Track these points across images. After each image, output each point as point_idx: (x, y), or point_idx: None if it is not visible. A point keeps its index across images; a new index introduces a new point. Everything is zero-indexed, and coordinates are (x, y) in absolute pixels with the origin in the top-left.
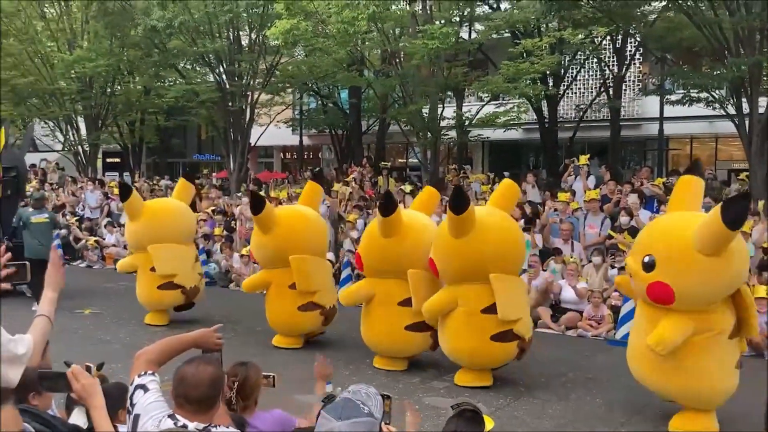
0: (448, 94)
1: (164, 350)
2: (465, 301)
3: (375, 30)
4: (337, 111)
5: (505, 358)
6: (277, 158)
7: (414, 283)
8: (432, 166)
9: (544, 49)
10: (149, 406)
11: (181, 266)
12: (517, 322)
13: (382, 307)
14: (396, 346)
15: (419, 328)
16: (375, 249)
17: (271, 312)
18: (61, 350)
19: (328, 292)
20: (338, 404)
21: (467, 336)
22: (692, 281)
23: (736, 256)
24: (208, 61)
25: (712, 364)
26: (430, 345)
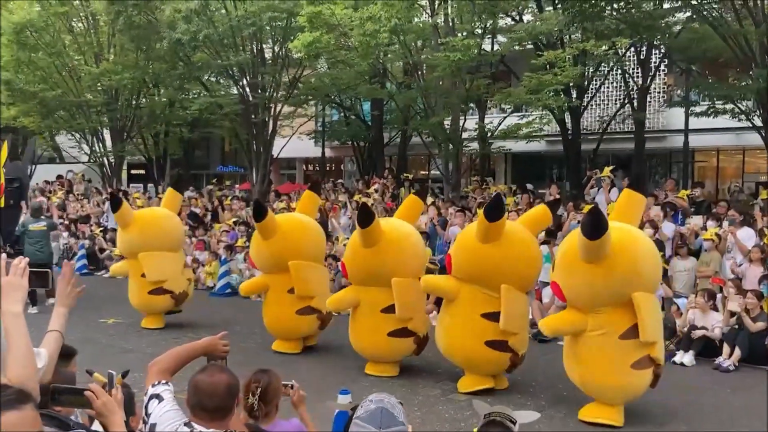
0: (470, 106)
1: (176, 359)
2: (467, 301)
3: (397, 42)
4: (359, 123)
5: (495, 367)
6: (299, 170)
7: (398, 291)
8: (454, 178)
9: (567, 61)
10: (165, 415)
11: (170, 272)
12: (515, 336)
13: (366, 313)
14: (380, 351)
15: (402, 334)
16: (358, 258)
17: (268, 316)
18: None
19: (325, 297)
20: (375, 413)
21: (463, 337)
22: (574, 283)
23: (621, 267)
24: (232, 74)
25: (602, 360)
26: (413, 351)
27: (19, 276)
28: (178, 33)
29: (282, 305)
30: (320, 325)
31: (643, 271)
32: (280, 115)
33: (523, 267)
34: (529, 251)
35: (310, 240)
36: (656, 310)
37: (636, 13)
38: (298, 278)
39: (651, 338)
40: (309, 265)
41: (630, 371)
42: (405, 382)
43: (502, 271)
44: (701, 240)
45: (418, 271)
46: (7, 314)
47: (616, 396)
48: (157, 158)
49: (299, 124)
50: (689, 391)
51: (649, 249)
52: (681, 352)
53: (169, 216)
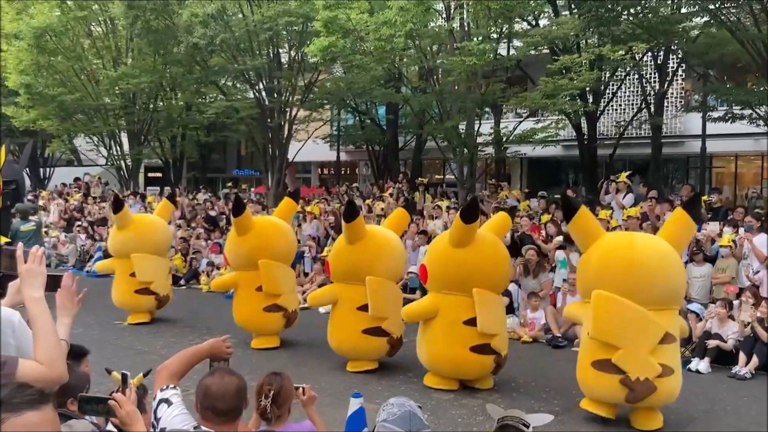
0: (485, 110)
1: (183, 363)
2: (447, 311)
3: (412, 47)
4: (374, 127)
5: (482, 371)
6: (314, 174)
7: (371, 288)
8: (469, 183)
9: (584, 66)
10: (174, 419)
11: (157, 275)
12: (495, 337)
13: (343, 310)
14: (355, 348)
15: (375, 332)
16: (340, 255)
17: (237, 312)
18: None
19: (291, 297)
20: (405, 416)
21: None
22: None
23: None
24: (248, 78)
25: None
26: (386, 351)
27: (37, 263)
28: (196, 37)
29: (250, 302)
30: (286, 323)
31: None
32: (295, 119)
33: (493, 268)
34: (498, 253)
35: (282, 241)
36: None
37: (653, 18)
38: (267, 277)
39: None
40: (278, 265)
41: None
42: (418, 387)
43: (475, 274)
44: (717, 246)
45: (396, 275)
46: (30, 300)
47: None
48: (174, 161)
49: (314, 128)
50: (706, 398)
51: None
52: (696, 360)
53: (163, 224)
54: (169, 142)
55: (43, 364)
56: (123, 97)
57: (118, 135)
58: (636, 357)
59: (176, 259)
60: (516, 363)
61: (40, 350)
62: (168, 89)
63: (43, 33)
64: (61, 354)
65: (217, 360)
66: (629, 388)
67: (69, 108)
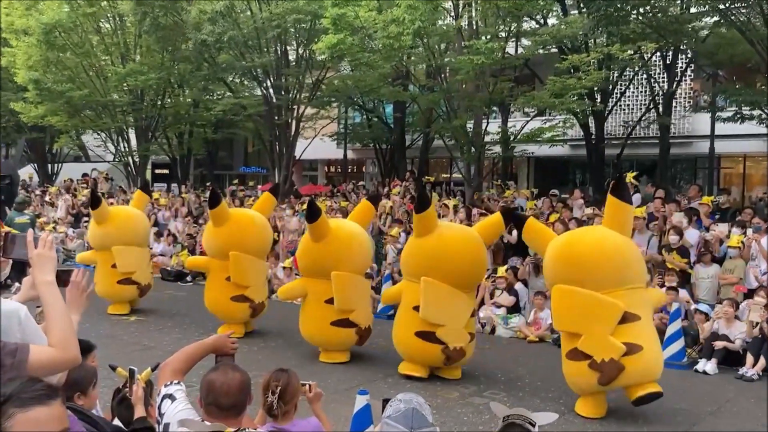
0: (493, 109)
1: (187, 359)
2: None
3: (420, 45)
4: (381, 125)
5: (429, 358)
6: (321, 171)
7: (337, 284)
8: (476, 181)
9: (592, 65)
10: (179, 414)
11: (138, 265)
12: (442, 327)
13: (312, 303)
14: (324, 339)
15: (343, 324)
16: (307, 252)
17: (207, 298)
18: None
19: (259, 289)
20: (407, 414)
21: (399, 328)
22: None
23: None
24: (256, 75)
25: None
26: (355, 341)
27: (48, 248)
28: (204, 34)
29: (219, 290)
30: (252, 313)
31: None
32: (302, 117)
33: (459, 262)
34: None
35: (256, 235)
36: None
37: (662, 18)
38: (236, 268)
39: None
40: (248, 257)
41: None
42: (424, 385)
43: (437, 264)
44: (726, 247)
45: (362, 268)
46: (42, 284)
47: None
48: (182, 158)
49: (322, 125)
50: (713, 399)
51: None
52: (704, 360)
53: (140, 214)
54: (177, 138)
55: (56, 346)
56: (131, 94)
57: (125, 131)
58: (598, 340)
59: (183, 255)
60: (522, 362)
61: (53, 333)
62: (176, 86)
63: (53, 29)
64: (74, 336)
65: (222, 355)
66: (598, 371)
67: (77, 104)
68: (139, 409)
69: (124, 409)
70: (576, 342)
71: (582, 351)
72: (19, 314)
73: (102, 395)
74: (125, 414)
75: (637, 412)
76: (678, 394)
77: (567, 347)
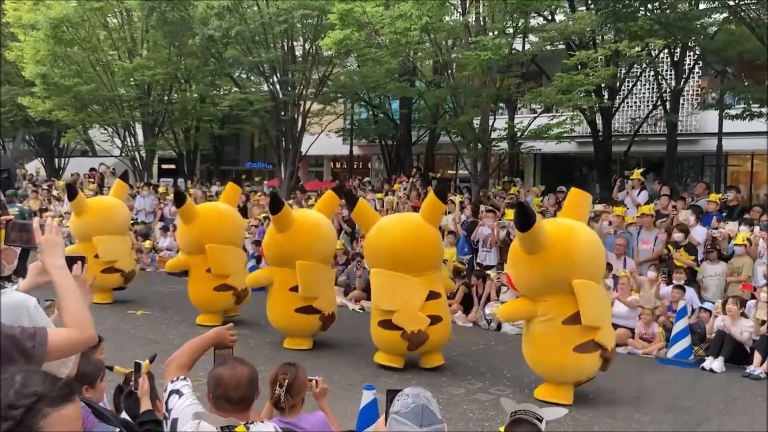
0: (500, 106)
1: (191, 353)
2: None
3: (427, 41)
4: (387, 121)
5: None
6: (327, 167)
7: (301, 272)
8: (482, 178)
9: (599, 61)
10: (186, 409)
11: (120, 253)
12: (396, 313)
13: (278, 291)
14: (289, 325)
15: (307, 311)
16: (272, 242)
17: (192, 292)
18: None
19: (240, 276)
20: (417, 410)
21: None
22: (518, 272)
23: (558, 258)
24: (263, 71)
25: (547, 342)
26: (319, 327)
27: (55, 234)
28: (211, 29)
29: (202, 283)
30: (236, 300)
31: (579, 260)
32: (309, 113)
33: (398, 248)
34: (403, 232)
35: (226, 225)
36: (599, 296)
37: (671, 14)
38: (214, 259)
39: (593, 323)
40: (223, 247)
41: (572, 354)
42: (429, 381)
43: (377, 253)
44: (734, 245)
45: (327, 256)
46: (53, 267)
47: (560, 376)
48: (188, 153)
49: (328, 121)
50: (720, 397)
51: (586, 241)
52: (710, 358)
53: (119, 204)
54: (183, 133)
55: (73, 326)
56: (138, 89)
57: (132, 126)
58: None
59: None
60: None
61: (68, 314)
62: (182, 81)
63: (60, 24)
64: (89, 316)
65: (222, 348)
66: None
67: (84, 98)
68: (145, 402)
69: (133, 403)
70: (592, 335)
71: (598, 342)
72: (28, 306)
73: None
74: (133, 408)
75: (644, 409)
76: (685, 392)
77: (579, 341)
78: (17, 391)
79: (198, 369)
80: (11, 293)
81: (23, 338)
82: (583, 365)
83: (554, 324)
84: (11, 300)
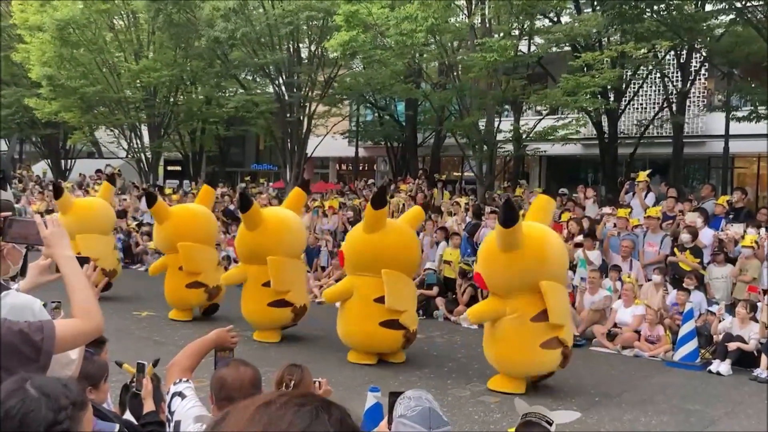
0: (505, 108)
1: (193, 356)
2: (361, 291)
3: (433, 42)
4: (393, 123)
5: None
6: (332, 169)
7: (272, 267)
8: (487, 180)
9: (605, 63)
10: (189, 411)
11: (102, 252)
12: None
13: (251, 287)
14: (262, 319)
15: (279, 304)
16: (243, 240)
17: (166, 290)
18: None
19: (212, 274)
20: (425, 413)
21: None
22: (493, 270)
23: (533, 258)
24: (268, 73)
25: (516, 338)
26: (291, 319)
27: (58, 226)
28: (217, 31)
29: (175, 280)
30: (208, 297)
31: (550, 261)
32: (314, 114)
33: (403, 252)
34: (407, 239)
35: (199, 225)
36: (563, 297)
37: (677, 16)
38: (185, 258)
39: (559, 321)
40: (195, 246)
41: (539, 349)
42: (434, 383)
43: (385, 256)
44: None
45: (297, 251)
46: (61, 258)
47: (525, 371)
48: (194, 155)
49: (333, 123)
50: (727, 401)
51: (557, 244)
52: (717, 362)
53: (104, 204)
54: (189, 135)
55: (80, 316)
56: (144, 90)
57: (138, 128)
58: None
59: None
60: None
61: (76, 303)
62: (188, 83)
63: (66, 25)
64: (96, 306)
65: (223, 349)
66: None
67: (90, 100)
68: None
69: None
70: (556, 332)
71: (561, 340)
72: (33, 307)
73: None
74: (138, 408)
75: (650, 412)
76: (691, 395)
77: (545, 338)
78: (64, 396)
79: (201, 371)
80: (16, 295)
81: (31, 332)
82: (546, 360)
83: (523, 321)
84: (16, 301)
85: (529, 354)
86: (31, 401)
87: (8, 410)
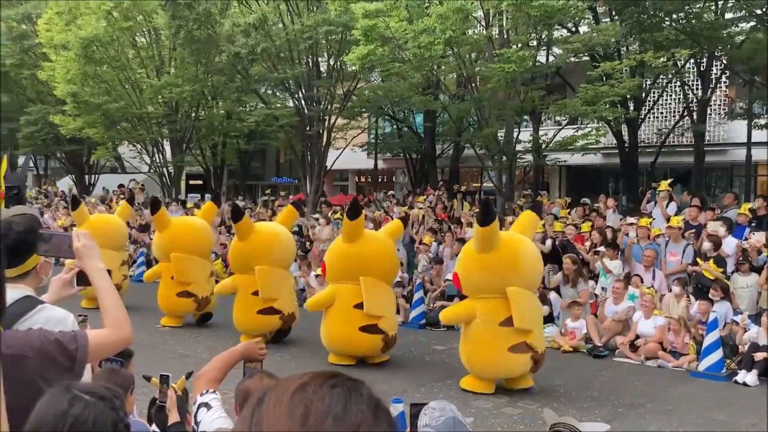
0: (524, 118)
1: (220, 367)
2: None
3: (451, 54)
4: (411, 135)
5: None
6: (351, 181)
7: (260, 276)
8: (507, 190)
9: (624, 72)
10: (214, 422)
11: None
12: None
13: (241, 296)
14: (251, 326)
15: (268, 312)
16: (235, 250)
17: (159, 297)
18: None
19: (202, 285)
20: (449, 422)
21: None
22: (468, 270)
23: (506, 261)
24: (288, 87)
25: (485, 341)
26: (279, 325)
27: (89, 239)
28: (237, 46)
29: (166, 288)
30: (197, 307)
31: (521, 267)
32: (333, 127)
33: (380, 260)
34: (384, 247)
35: (195, 237)
36: (530, 303)
37: (696, 24)
38: (177, 268)
39: (522, 326)
40: (187, 257)
41: (507, 353)
42: (456, 394)
43: (363, 264)
44: (765, 257)
45: (286, 262)
46: (93, 270)
47: (493, 373)
48: (215, 169)
49: (352, 136)
50: (753, 412)
51: (531, 251)
52: (743, 372)
53: (118, 221)
54: (210, 149)
55: (111, 327)
56: (166, 106)
57: (160, 143)
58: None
59: (217, 264)
60: (556, 372)
61: (107, 314)
62: (209, 98)
63: (90, 43)
64: (126, 317)
65: (251, 362)
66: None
67: (114, 116)
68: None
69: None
70: (524, 337)
71: (530, 345)
72: (67, 321)
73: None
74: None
75: (675, 423)
76: (717, 405)
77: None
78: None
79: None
80: (52, 308)
81: (66, 341)
82: (514, 364)
83: (492, 324)
84: (53, 315)
85: (497, 357)
86: (94, 405)
87: (78, 416)
